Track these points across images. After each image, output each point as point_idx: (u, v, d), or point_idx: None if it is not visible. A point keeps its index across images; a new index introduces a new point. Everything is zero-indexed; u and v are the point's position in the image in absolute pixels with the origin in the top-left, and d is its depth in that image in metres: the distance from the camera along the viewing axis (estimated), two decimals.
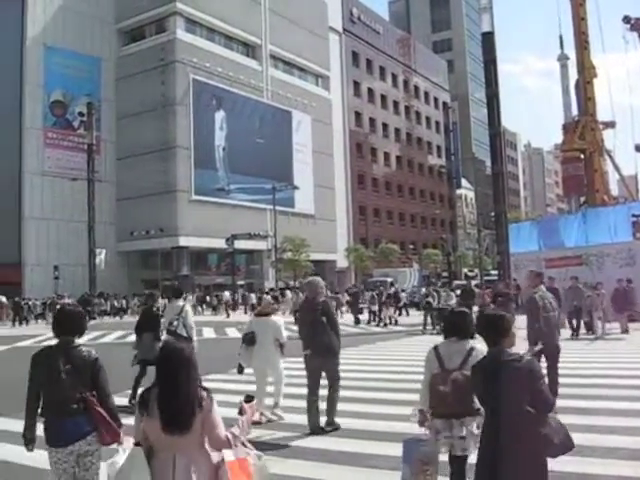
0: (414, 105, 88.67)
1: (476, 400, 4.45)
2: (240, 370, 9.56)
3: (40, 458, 5.72)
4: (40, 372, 4.55)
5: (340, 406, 8.56)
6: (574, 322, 19.54)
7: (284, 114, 62.99)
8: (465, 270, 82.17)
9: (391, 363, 14.76)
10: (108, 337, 25.53)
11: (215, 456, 3.49)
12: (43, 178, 50.98)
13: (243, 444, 3.62)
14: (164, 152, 52.13)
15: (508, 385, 3.80)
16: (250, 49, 62.14)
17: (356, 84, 77.10)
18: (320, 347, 8.21)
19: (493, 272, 62.84)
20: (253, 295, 42.46)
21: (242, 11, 58.77)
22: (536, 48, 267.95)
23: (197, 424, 3.40)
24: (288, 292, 38.98)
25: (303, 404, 8.49)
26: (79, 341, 4.69)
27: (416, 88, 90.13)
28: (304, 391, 8.53)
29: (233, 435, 3.54)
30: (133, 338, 11.37)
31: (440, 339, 5.39)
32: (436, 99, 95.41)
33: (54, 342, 4.69)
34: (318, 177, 65.03)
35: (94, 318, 37.06)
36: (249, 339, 9.07)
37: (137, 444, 3.46)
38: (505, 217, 27.72)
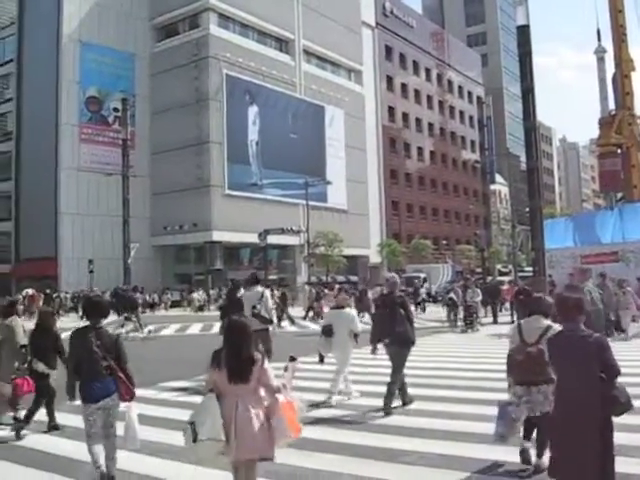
0: (448, 99, 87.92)
1: (550, 369, 5.32)
2: (321, 359, 10.59)
3: (77, 450, 6.55)
4: (77, 346, 6.12)
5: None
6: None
7: (317, 109, 62.87)
8: (499, 266, 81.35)
9: (429, 360, 14.53)
10: (167, 330, 25.62)
11: (268, 399, 4.91)
12: (79, 173, 51.52)
13: (289, 391, 5.08)
14: (198, 147, 52.39)
15: (582, 356, 4.64)
16: (283, 44, 62.08)
17: (389, 79, 76.64)
18: (398, 337, 9.12)
19: (527, 269, 62.16)
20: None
21: (275, 6, 58.74)
22: (572, 41, 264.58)
23: (253, 377, 4.80)
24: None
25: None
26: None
27: (450, 82, 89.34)
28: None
29: (283, 385, 5.00)
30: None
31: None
32: (470, 93, 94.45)
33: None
34: (351, 172, 64.80)
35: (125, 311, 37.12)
36: (327, 331, 10.03)
37: (210, 390, 4.86)
38: (540, 213, 27.18)
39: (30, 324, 9.02)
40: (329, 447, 7.24)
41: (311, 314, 31.02)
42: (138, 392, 6.37)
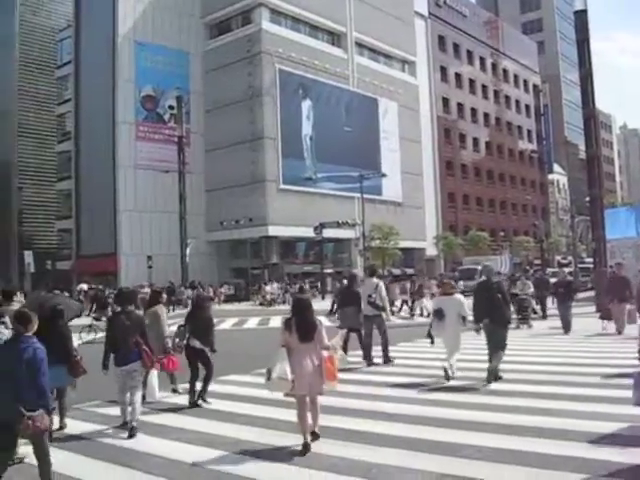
0: (503, 89, 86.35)
1: None
2: (432, 340, 11.50)
3: (142, 444, 7.22)
4: (113, 325, 8.43)
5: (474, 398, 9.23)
6: None
7: (370, 101, 62.44)
8: (558, 258, 79.74)
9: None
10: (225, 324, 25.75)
11: (323, 353, 7.10)
12: (136, 171, 52.25)
13: (336, 350, 7.34)
14: (252, 143, 52.56)
15: None
16: (335, 37, 61.81)
17: (443, 69, 75.65)
18: (496, 317, 10.35)
19: (588, 260, 60.69)
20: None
21: (326, 0, 58.55)
22: (631, 26, 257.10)
23: (315, 337, 7.04)
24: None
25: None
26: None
27: (505, 71, 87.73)
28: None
29: (332, 345, 7.22)
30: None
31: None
32: (526, 82, 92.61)
33: None
34: (406, 164, 64.20)
35: (179, 304, 37.34)
36: (439, 314, 10.97)
37: (283, 346, 7.00)
38: (601, 202, 26.45)
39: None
40: (388, 441, 7.19)
41: (405, 307, 29.61)
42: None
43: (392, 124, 64.14)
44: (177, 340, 9.95)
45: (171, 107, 52.90)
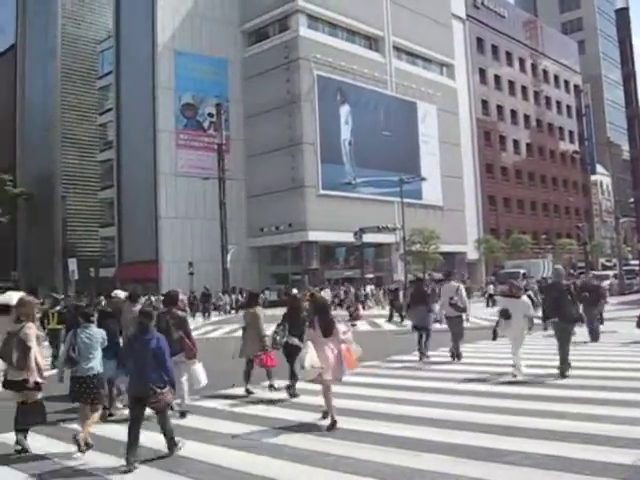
0: (543, 90, 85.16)
1: None
2: (494, 337, 12.44)
3: (213, 455, 7.30)
4: (159, 324, 8.86)
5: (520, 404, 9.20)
6: None
7: (409, 105, 62.14)
8: (602, 260, 78.46)
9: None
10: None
11: (339, 346, 8.48)
12: (176, 178, 52.71)
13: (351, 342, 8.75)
14: (291, 148, 52.68)
15: None
16: (373, 42, 61.67)
17: (482, 71, 74.91)
18: (565, 316, 11.57)
19: (633, 262, 59.51)
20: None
21: (363, 4, 58.40)
22: None
23: (334, 332, 8.47)
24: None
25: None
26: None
27: (545, 72, 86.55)
28: None
29: (347, 339, 8.64)
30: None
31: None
32: (567, 82, 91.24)
33: None
34: (445, 168, 63.71)
35: (217, 309, 37.80)
36: (505, 314, 11.76)
37: (309, 340, 8.53)
38: None
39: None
40: (433, 447, 7.12)
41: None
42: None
43: (431, 127, 63.74)
44: (277, 338, 11.00)
45: (210, 115, 53.29)
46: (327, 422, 8.31)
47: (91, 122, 63.93)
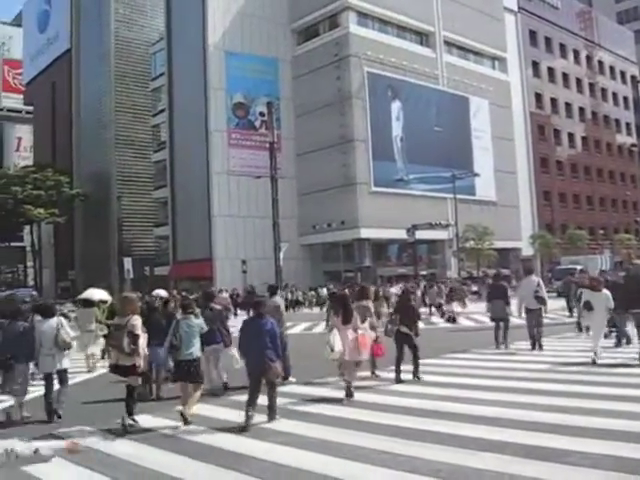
0: (599, 81, 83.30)
1: None
2: (580, 329, 14.89)
3: (241, 445, 7.55)
4: (203, 316, 10.27)
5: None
6: None
7: (461, 100, 61.45)
8: None
9: None
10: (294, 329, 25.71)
11: (355, 332, 10.26)
12: (229, 177, 53.14)
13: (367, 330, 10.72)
14: (342, 146, 52.61)
15: None
16: (423, 37, 61.19)
17: (535, 64, 73.60)
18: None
19: None
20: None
21: (413, 0, 57.99)
22: None
23: (352, 321, 10.28)
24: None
25: None
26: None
27: (600, 63, 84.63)
28: None
29: (363, 327, 10.53)
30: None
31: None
32: (623, 73, 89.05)
33: None
34: (499, 163, 62.80)
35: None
36: (588, 306, 12.95)
37: (333, 327, 10.56)
38: None
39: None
40: (491, 446, 7.00)
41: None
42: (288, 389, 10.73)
43: (484, 122, 62.91)
44: (389, 327, 12.07)
45: (262, 114, 53.45)
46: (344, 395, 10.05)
47: (144, 123, 64.85)
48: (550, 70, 75.75)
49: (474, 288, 44.74)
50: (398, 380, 11.38)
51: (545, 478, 5.86)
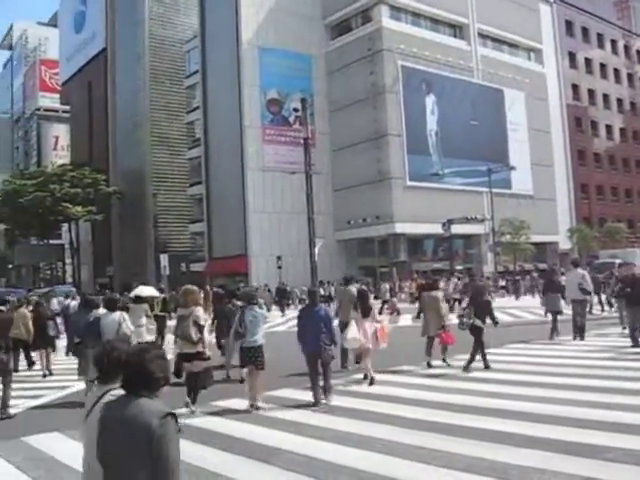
0: (638, 71, 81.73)
1: None
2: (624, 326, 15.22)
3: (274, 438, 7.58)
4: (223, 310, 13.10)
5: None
6: None
7: (496, 93, 60.83)
8: None
9: None
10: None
11: (375, 324, 11.61)
12: (263, 173, 53.27)
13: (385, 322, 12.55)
14: (377, 140, 52.43)
15: None
16: (457, 29, 60.70)
17: (571, 55, 72.50)
18: None
19: None
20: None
21: None
22: None
23: (370, 314, 11.60)
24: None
25: None
26: None
27: (639, 53, 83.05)
28: None
29: (382, 319, 12.64)
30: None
31: None
32: None
33: None
34: (535, 156, 62.05)
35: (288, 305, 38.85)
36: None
37: (353, 319, 11.57)
38: None
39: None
40: (529, 442, 6.97)
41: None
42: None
43: (519, 115, 62.21)
44: (464, 319, 12.76)
45: (296, 109, 53.26)
46: (367, 382, 11.17)
47: (179, 120, 65.24)
48: (587, 61, 74.57)
49: (502, 283, 44.19)
50: (466, 368, 12.20)
51: (587, 475, 5.79)
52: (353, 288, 13.63)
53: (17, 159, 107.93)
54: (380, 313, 21.76)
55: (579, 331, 15.86)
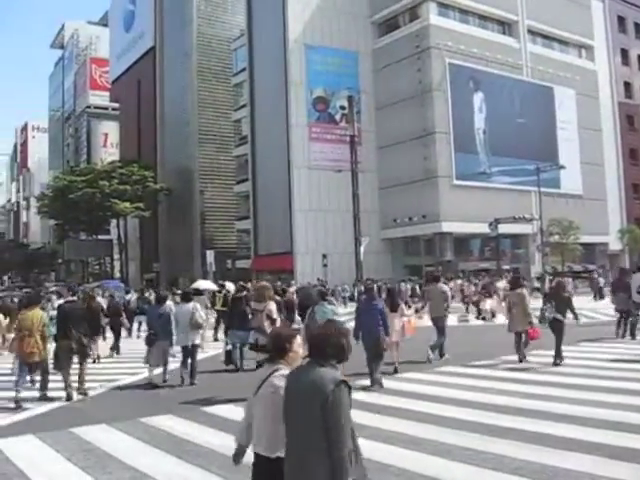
0: None
1: None
2: None
3: None
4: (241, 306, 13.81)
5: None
6: None
7: (545, 90, 59.86)
8: None
9: None
10: None
11: (403, 318, 12.92)
12: (310, 171, 53.34)
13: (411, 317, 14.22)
14: (423, 138, 52.07)
15: None
16: (506, 26, 59.92)
17: (624, 52, 70.91)
18: None
19: None
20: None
21: None
22: None
23: (399, 310, 12.66)
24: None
25: None
26: None
27: None
28: None
29: (408, 314, 13.58)
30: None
31: None
32: None
33: None
34: (585, 155, 60.93)
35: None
36: None
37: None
38: None
39: None
40: (578, 445, 6.88)
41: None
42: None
43: (569, 113, 61.15)
44: (546, 314, 13.26)
45: (342, 107, 53.43)
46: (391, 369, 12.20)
47: (226, 118, 65.77)
48: None
49: (536, 284, 43.12)
50: (556, 363, 12.73)
51: None
52: (443, 285, 15.12)
53: (67, 156, 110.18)
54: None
55: (632, 331, 16.58)
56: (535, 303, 15.76)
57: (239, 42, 62.75)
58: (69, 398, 10.77)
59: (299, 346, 4.10)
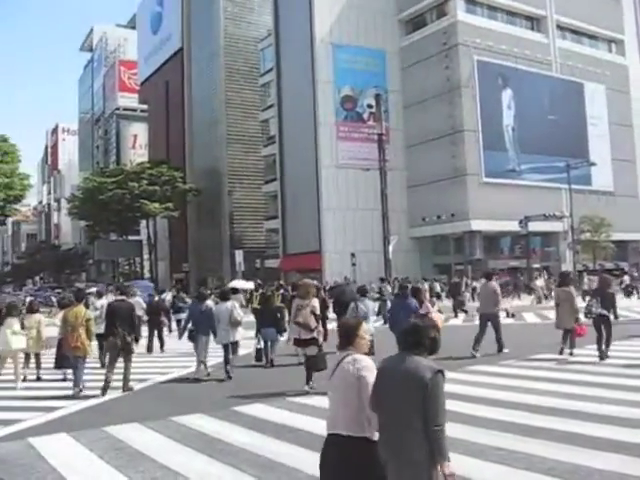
0: None
1: None
2: None
3: None
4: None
5: None
6: None
7: (575, 86, 59.25)
8: None
9: None
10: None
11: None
12: (338, 170, 53.32)
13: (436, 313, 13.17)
14: (452, 136, 51.83)
15: None
16: (534, 22, 59.40)
17: None
18: None
19: None
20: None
21: None
22: None
23: (423, 307, 12.56)
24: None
25: None
26: None
27: None
28: None
29: (432, 311, 12.73)
30: None
31: None
32: None
33: None
34: (617, 151, 60.17)
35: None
36: None
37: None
38: None
39: None
40: (611, 446, 6.80)
41: None
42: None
43: (600, 109, 60.47)
44: (592, 309, 13.19)
45: (370, 106, 53.33)
46: None
47: (254, 118, 65.94)
48: None
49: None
50: (603, 357, 12.80)
51: None
52: (495, 284, 15.36)
53: (97, 157, 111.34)
54: None
55: None
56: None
57: (266, 42, 62.88)
58: (104, 393, 11.00)
59: (365, 332, 4.52)
